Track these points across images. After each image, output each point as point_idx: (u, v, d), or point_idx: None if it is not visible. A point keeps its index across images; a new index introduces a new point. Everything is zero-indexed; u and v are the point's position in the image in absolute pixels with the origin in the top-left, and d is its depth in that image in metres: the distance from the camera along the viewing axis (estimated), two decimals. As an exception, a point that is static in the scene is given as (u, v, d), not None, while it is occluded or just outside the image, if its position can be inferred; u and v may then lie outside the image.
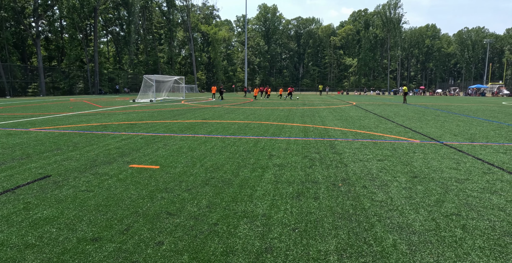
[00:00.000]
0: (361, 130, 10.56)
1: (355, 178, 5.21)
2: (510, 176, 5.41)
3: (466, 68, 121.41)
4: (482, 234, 3.32)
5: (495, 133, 10.14)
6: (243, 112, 17.62)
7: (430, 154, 7.01)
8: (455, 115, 16.49)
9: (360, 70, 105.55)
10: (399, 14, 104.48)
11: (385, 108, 22.34)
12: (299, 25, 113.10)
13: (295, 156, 6.72)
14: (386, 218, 3.69)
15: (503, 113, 18.48)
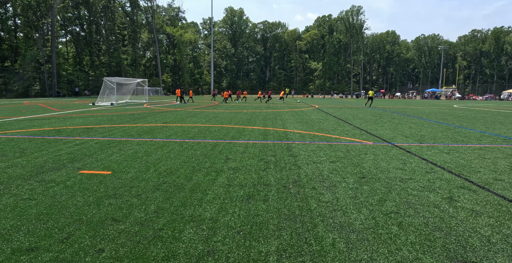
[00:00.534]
0: (319, 133, 10.85)
1: (306, 180, 5.36)
2: (449, 175, 5.78)
3: (423, 72, 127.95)
4: (416, 230, 3.53)
5: (443, 135, 10.78)
6: (205, 115, 17.53)
7: (380, 155, 7.34)
8: (409, 118, 17.34)
9: (325, 74, 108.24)
10: (361, 20, 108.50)
11: (346, 111, 23.07)
12: (265, 29, 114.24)
13: (251, 159, 6.79)
14: (329, 218, 3.83)
15: (453, 115, 19.67)
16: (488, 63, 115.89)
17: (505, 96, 65.15)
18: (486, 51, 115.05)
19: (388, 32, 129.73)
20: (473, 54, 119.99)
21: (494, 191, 4.89)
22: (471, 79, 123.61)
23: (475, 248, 3.16)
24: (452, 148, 8.30)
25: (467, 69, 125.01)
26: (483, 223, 3.75)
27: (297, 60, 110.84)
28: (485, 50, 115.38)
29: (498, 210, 4.16)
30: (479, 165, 6.50)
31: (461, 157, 7.28)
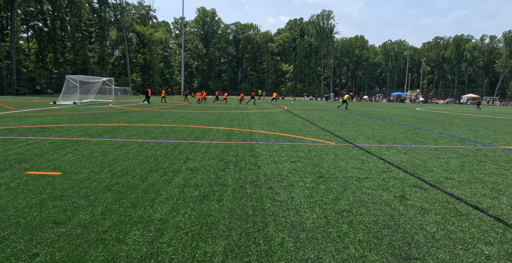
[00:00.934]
0: (284, 133, 10.90)
1: (264, 180, 5.32)
2: (404, 174, 5.94)
3: (390, 77, 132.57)
4: (365, 228, 3.57)
5: (402, 136, 11.14)
6: (172, 115, 17.19)
7: (341, 155, 7.45)
8: (373, 120, 17.83)
9: (296, 76, 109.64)
10: (331, 25, 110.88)
11: (313, 112, 23.42)
12: (237, 30, 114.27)
13: (212, 160, 6.68)
14: (282, 217, 3.80)
15: (414, 117, 20.45)
16: (450, 69, 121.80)
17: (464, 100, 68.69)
18: (448, 58, 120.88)
19: (357, 37, 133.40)
20: (436, 60, 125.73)
21: (444, 189, 5.06)
22: (434, 83, 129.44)
23: (420, 245, 3.23)
24: (410, 149, 8.57)
25: (430, 74, 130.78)
26: (430, 220, 3.86)
27: (269, 62, 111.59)
28: (447, 57, 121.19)
29: (445, 207, 4.30)
30: (433, 165, 6.74)
31: (417, 157, 7.52)
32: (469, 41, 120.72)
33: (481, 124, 16.78)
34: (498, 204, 4.47)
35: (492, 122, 18.74)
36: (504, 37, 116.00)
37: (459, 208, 4.28)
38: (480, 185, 5.39)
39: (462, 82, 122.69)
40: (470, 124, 16.85)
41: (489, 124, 17.20)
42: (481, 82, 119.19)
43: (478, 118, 22.22)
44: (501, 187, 5.29)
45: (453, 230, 3.58)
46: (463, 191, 5.00)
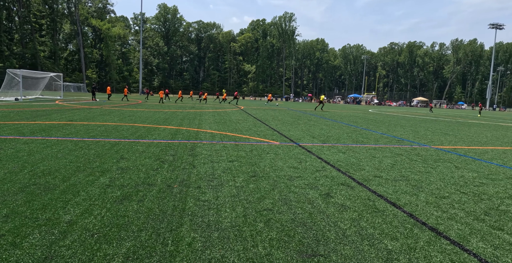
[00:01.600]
0: (232, 133, 10.86)
1: (195, 179, 5.23)
2: (336, 172, 6.10)
3: (349, 79, 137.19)
4: (280, 226, 3.59)
5: (347, 136, 11.50)
6: (121, 114, 16.58)
7: (281, 154, 7.52)
8: (324, 120, 18.30)
9: (258, 77, 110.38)
10: (293, 27, 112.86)
11: (268, 112, 23.64)
12: (200, 29, 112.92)
13: (147, 159, 6.48)
14: (200, 217, 3.73)
15: (364, 118, 21.27)
16: (403, 73, 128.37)
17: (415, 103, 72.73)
18: (402, 62, 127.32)
19: (318, 40, 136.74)
20: (391, 65, 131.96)
21: (369, 187, 5.25)
22: (389, 87, 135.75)
23: (328, 242, 3.29)
24: (350, 148, 8.85)
25: (386, 78, 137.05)
26: (346, 217, 3.96)
27: (231, 61, 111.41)
28: (401, 61, 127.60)
29: (364, 204, 4.44)
30: (367, 164, 6.99)
31: (354, 156, 7.77)
32: (421, 48, 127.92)
33: (423, 125, 17.78)
34: (415, 201, 4.70)
35: (434, 123, 19.91)
36: (452, 45, 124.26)
37: (378, 205, 4.44)
38: (404, 182, 5.65)
39: (415, 86, 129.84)
40: (414, 125, 17.79)
41: (430, 125, 18.27)
42: (431, 86, 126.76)
43: (422, 119, 23.53)
44: (423, 184, 5.58)
45: (365, 227, 3.70)
46: (386, 189, 5.21)
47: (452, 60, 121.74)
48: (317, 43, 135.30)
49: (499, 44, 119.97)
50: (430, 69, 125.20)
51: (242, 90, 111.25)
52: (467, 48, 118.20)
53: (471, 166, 7.26)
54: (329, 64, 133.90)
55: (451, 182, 5.86)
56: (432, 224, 3.87)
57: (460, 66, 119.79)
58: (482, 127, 19.13)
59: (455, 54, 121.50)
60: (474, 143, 11.40)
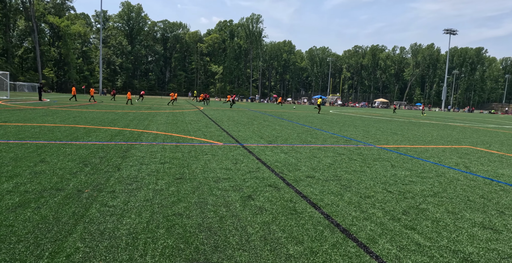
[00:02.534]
0: (178, 134, 10.51)
1: (112, 183, 4.88)
2: (269, 173, 5.95)
3: (315, 81, 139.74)
4: (182, 232, 3.34)
5: (297, 136, 11.47)
6: (67, 114, 15.71)
7: (219, 155, 7.29)
8: (281, 121, 18.31)
9: (226, 78, 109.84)
10: (260, 28, 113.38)
11: (227, 113, 23.39)
12: (165, 28, 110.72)
13: (70, 162, 6.03)
14: (96, 225, 3.41)
15: (321, 119, 21.54)
16: (367, 76, 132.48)
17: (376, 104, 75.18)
18: (366, 65, 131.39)
19: (285, 42, 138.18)
20: (356, 67, 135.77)
21: (296, 188, 5.12)
22: (353, 88, 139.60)
23: (227, 248, 3.08)
24: (295, 148, 8.78)
25: (350, 80, 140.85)
26: (259, 220, 3.78)
27: (198, 62, 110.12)
28: (364, 64, 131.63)
29: (284, 206, 4.29)
30: (304, 164, 6.91)
31: (295, 156, 7.68)
32: (383, 51, 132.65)
33: (376, 126, 18.22)
34: (337, 201, 4.61)
35: (387, 123, 20.49)
36: (411, 49, 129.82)
37: (298, 206, 4.31)
38: (335, 182, 5.59)
39: (377, 87, 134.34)
40: (367, 125, 18.19)
41: (383, 125, 18.76)
42: (392, 88, 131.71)
43: (378, 120, 24.19)
44: (353, 184, 5.55)
45: (274, 230, 3.53)
46: (314, 189, 5.11)
47: (411, 63, 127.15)
48: (284, 45, 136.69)
49: (454, 49, 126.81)
50: (392, 71, 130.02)
51: (209, 91, 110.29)
52: (425, 52, 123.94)
53: (406, 165, 7.38)
54: (296, 65, 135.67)
55: (382, 181, 5.88)
56: (346, 225, 3.77)
57: (419, 69, 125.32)
58: (431, 126, 19.91)
59: (414, 57, 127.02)
60: (418, 142, 11.74)
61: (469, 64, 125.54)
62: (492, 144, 12.37)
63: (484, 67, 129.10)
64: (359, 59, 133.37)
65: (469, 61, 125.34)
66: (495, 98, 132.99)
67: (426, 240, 3.49)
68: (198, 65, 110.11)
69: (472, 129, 19.44)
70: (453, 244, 3.43)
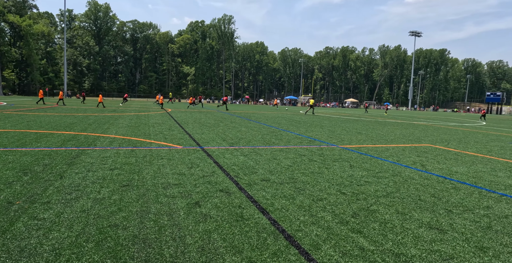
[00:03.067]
0: (137, 138, 10.13)
1: (50, 193, 4.53)
2: (224, 177, 5.76)
3: (288, 82, 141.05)
4: (113, 246, 3.09)
5: (261, 137, 11.36)
6: (21, 119, 14.85)
7: (175, 160, 7.04)
8: (248, 122, 18.18)
9: (198, 79, 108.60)
10: (232, 29, 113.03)
11: (195, 115, 23.00)
12: (135, 29, 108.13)
13: (8, 171, 5.59)
14: (17, 241, 3.10)
15: (289, 120, 21.59)
16: (338, 76, 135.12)
17: (347, 104, 76.79)
18: (336, 66, 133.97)
19: (258, 43, 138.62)
20: (327, 68, 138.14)
21: (248, 192, 4.97)
22: (325, 89, 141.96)
23: (158, 261, 2.88)
24: (256, 150, 8.64)
25: (322, 80, 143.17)
26: (201, 229, 3.59)
27: (169, 63, 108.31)
28: (335, 65, 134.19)
29: (231, 213, 4.12)
30: (262, 166, 6.78)
31: (255, 159, 7.54)
32: (353, 52, 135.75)
33: (343, 125, 18.45)
34: (288, 205, 4.50)
35: (353, 123, 20.81)
36: (379, 50, 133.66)
37: (245, 212, 4.15)
38: (289, 185, 5.49)
39: (348, 88, 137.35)
40: (334, 125, 18.38)
41: (349, 125, 19.02)
42: (363, 88, 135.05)
43: (345, 120, 24.55)
44: (307, 186, 5.46)
45: (215, 239, 3.35)
46: (267, 193, 4.97)
47: (380, 64, 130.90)
48: (256, 46, 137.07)
49: (420, 50, 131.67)
50: (362, 72, 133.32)
51: (181, 92, 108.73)
52: (393, 53, 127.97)
53: (365, 165, 7.41)
54: (269, 66, 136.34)
55: (338, 182, 5.83)
56: (291, 231, 3.65)
57: (387, 70, 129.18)
58: (396, 126, 20.40)
59: (382, 58, 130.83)
60: (381, 141, 11.93)
61: (433, 65, 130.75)
62: (451, 142, 12.77)
63: (447, 68, 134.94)
64: (330, 60, 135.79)
65: (433, 62, 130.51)
66: (458, 97, 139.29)
67: (370, 244, 3.42)
68: (170, 66, 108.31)
69: (434, 128, 20.09)
70: (397, 247, 3.38)
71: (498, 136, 16.42)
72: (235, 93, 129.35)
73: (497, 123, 29.89)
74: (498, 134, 17.34)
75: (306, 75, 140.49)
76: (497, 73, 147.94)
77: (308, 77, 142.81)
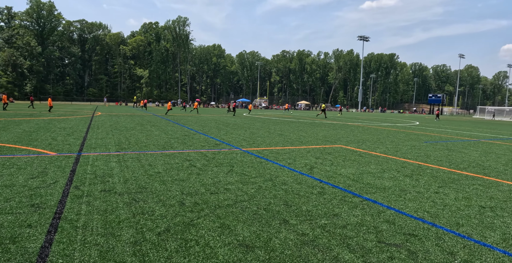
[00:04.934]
0: (15, 144, 9.02)
1: None
2: (59, 188, 4.99)
3: (246, 84, 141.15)
4: None
5: (165, 141, 10.62)
6: None
7: (26, 169, 6.13)
8: (172, 125, 17.34)
9: (153, 82, 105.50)
10: (187, 31, 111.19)
11: (121, 119, 21.78)
12: (83, 29, 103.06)
13: None
14: None
15: (223, 123, 20.98)
16: (295, 79, 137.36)
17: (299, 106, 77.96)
18: (293, 69, 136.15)
19: (215, 45, 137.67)
20: (284, 71, 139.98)
21: (65, 206, 4.24)
22: (283, 91, 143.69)
23: None
24: (140, 156, 7.91)
25: (280, 83, 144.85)
26: None
27: (121, 65, 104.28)
28: (292, 68, 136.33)
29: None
30: (123, 174, 6.07)
31: (128, 165, 6.82)
32: (309, 56, 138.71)
33: (271, 127, 18.10)
34: (95, 225, 3.82)
35: (285, 125, 20.55)
36: (334, 54, 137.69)
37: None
38: (129, 197, 4.82)
39: (305, 91, 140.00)
40: (261, 127, 17.97)
41: (278, 127, 18.72)
42: (319, 91, 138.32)
43: (281, 121, 24.35)
44: (149, 196, 4.83)
45: None
46: (87, 207, 4.27)
47: (335, 68, 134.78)
48: (214, 49, 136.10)
49: (371, 55, 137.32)
50: (317, 75, 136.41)
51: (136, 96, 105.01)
52: (346, 57, 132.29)
53: (247, 169, 6.93)
54: (227, 69, 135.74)
55: (191, 190, 5.25)
56: (57, 257, 2.97)
57: (341, 73, 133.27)
58: (327, 127, 20.40)
59: (337, 62, 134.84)
60: (295, 143, 11.63)
61: (384, 68, 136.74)
62: (366, 142, 12.77)
63: (397, 71, 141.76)
64: (287, 64, 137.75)
65: (384, 66, 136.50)
66: (407, 99, 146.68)
67: (141, 270, 2.83)
68: (122, 68, 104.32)
69: (364, 128, 20.38)
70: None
71: (418, 135, 16.87)
72: (192, 96, 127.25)
73: (429, 123, 31.22)
74: (421, 134, 17.85)
75: (264, 78, 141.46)
76: (441, 77, 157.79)
77: (267, 80, 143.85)
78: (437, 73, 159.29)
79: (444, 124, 30.00)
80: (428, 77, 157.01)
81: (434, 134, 17.89)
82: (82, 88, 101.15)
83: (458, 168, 8.00)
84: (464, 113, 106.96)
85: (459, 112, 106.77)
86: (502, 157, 10.12)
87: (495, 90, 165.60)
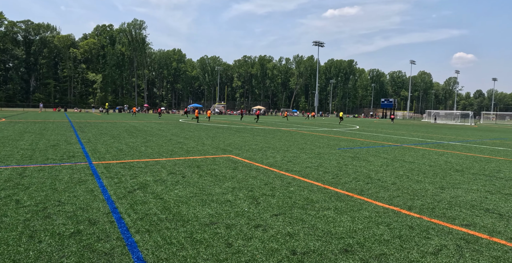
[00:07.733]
0: None
1: None
2: None
3: (208, 89, 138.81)
4: None
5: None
6: None
7: None
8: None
9: (107, 87, 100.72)
10: (144, 35, 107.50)
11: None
12: (29, 30, 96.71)
13: None
14: None
15: (136, 129, 18.99)
16: (257, 84, 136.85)
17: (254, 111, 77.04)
18: (255, 74, 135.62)
19: (175, 50, 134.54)
20: (246, 76, 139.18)
21: None
22: (245, 96, 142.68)
23: None
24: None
25: (242, 88, 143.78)
26: None
27: (72, 69, 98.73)
28: (254, 73, 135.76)
29: None
30: None
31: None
32: (271, 61, 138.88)
33: (184, 134, 16.38)
34: None
35: (206, 131, 18.91)
36: (294, 60, 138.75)
37: None
38: None
39: (267, 96, 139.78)
40: (174, 134, 16.24)
41: (191, 133, 17.06)
42: (281, 96, 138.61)
43: (207, 127, 22.69)
44: None
45: None
46: None
47: (296, 73, 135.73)
48: (174, 53, 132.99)
49: (331, 61, 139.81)
50: (279, 80, 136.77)
51: (88, 102, 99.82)
52: (307, 63, 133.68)
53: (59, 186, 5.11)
54: (187, 74, 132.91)
55: None
56: None
57: (302, 79, 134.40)
58: (252, 133, 18.90)
59: (298, 68, 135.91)
60: (180, 153, 9.93)
61: (343, 74, 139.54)
62: (270, 149, 11.33)
63: (356, 77, 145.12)
64: (249, 69, 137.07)
65: (343, 71, 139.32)
66: (366, 104, 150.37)
67: None
68: (72, 73, 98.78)
69: (292, 134, 19.13)
70: None
71: (340, 141, 15.75)
72: (152, 102, 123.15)
73: (368, 127, 30.72)
74: (346, 139, 16.80)
75: (226, 83, 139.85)
76: (397, 82, 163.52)
77: (229, 85, 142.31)
78: (393, 79, 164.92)
79: (383, 129, 29.58)
80: (385, 82, 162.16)
81: (359, 139, 16.89)
82: (27, 93, 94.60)
83: (330, 183, 6.61)
84: (416, 117, 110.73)
85: (412, 116, 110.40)
86: (405, 166, 8.95)
87: (447, 95, 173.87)
